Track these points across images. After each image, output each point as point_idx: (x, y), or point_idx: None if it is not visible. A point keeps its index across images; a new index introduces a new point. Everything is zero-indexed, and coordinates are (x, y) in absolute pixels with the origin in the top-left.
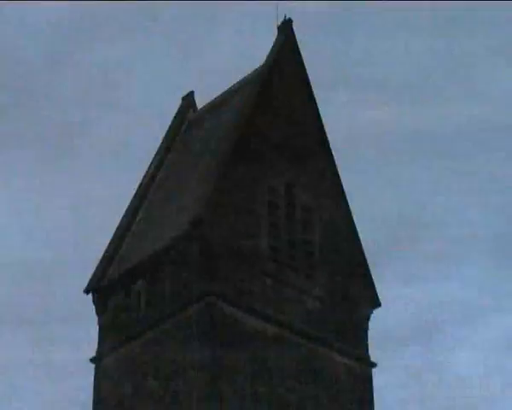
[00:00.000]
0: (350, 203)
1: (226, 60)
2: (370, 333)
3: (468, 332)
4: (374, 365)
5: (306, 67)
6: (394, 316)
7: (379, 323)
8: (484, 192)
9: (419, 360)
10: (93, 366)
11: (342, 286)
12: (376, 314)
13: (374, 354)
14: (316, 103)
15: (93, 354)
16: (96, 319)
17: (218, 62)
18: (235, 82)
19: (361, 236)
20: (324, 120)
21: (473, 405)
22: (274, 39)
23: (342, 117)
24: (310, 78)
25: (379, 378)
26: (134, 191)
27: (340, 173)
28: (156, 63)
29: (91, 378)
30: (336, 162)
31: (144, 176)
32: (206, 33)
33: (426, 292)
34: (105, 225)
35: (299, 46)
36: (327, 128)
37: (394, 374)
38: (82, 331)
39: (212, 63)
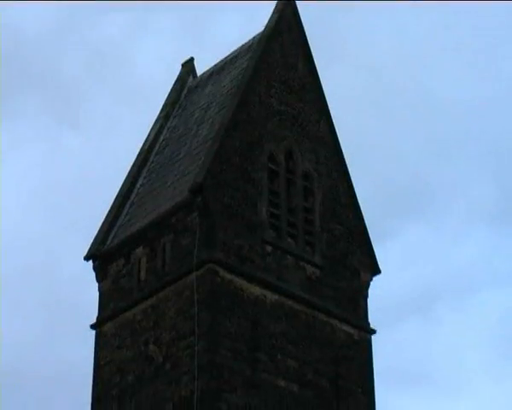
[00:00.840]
0: (350, 171)
1: (226, 26)
2: (370, 300)
3: (468, 302)
4: (373, 331)
5: (307, 34)
6: (394, 283)
7: (379, 290)
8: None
9: (418, 327)
10: (93, 332)
11: (342, 253)
12: (376, 281)
13: (373, 320)
14: (316, 70)
15: (93, 320)
16: (96, 285)
17: (218, 28)
18: (235, 48)
19: (361, 203)
20: (324, 87)
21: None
22: (274, 5)
23: (343, 83)
24: (310, 44)
25: (378, 345)
26: (134, 158)
27: (340, 141)
28: (156, 30)
29: (92, 345)
30: (337, 129)
31: (144, 143)
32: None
33: (426, 260)
34: (105, 193)
35: (300, 13)
36: (327, 94)
37: (393, 341)
38: (82, 298)
39: (212, 29)
